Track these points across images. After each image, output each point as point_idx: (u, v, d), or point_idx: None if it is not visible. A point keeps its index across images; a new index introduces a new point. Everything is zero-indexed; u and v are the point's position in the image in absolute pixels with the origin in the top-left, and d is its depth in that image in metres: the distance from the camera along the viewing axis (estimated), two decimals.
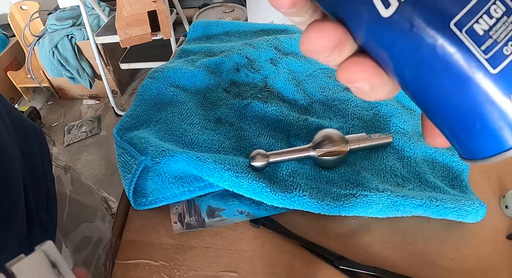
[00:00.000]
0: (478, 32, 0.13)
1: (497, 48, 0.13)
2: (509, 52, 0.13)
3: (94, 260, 0.52)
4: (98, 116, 1.95)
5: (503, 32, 0.12)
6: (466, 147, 0.15)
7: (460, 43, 0.13)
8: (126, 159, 0.40)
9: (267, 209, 0.40)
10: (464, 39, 0.13)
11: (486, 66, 0.13)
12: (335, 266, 0.35)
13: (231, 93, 0.53)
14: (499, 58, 0.13)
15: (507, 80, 0.13)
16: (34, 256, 0.19)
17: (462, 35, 0.13)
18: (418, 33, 0.13)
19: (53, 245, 0.19)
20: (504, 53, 0.13)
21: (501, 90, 0.13)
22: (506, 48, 0.13)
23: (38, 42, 1.77)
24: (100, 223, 0.56)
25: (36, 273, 0.18)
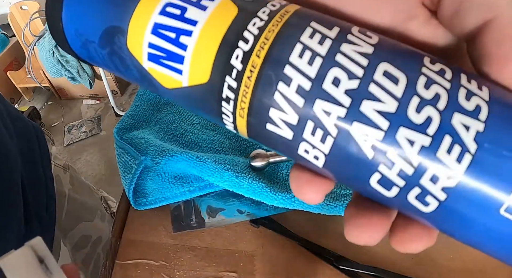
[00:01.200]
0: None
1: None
2: None
3: (93, 259, 0.52)
4: (98, 116, 1.95)
5: None
6: None
7: (507, 227, 0.12)
8: (126, 159, 0.40)
9: (267, 209, 0.40)
10: (506, 223, 0.12)
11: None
12: (335, 266, 0.35)
13: None
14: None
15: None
16: (21, 251, 0.19)
17: (507, 218, 0.12)
18: (469, 223, 0.12)
19: (41, 241, 0.19)
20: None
21: None
22: None
23: (38, 42, 1.77)
24: (99, 222, 0.56)
25: (23, 268, 0.18)
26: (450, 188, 0.12)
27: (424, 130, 0.11)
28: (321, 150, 0.12)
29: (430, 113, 0.11)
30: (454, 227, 0.13)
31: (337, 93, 0.11)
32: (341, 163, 0.13)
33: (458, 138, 0.11)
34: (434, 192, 0.12)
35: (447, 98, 0.11)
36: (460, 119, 0.11)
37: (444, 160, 0.11)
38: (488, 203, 0.12)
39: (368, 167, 0.12)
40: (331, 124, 0.12)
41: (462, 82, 0.12)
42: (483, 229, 0.12)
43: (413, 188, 0.12)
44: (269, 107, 0.12)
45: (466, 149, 0.11)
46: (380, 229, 0.14)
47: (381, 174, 0.12)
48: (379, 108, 0.11)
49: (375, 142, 0.12)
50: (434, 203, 0.12)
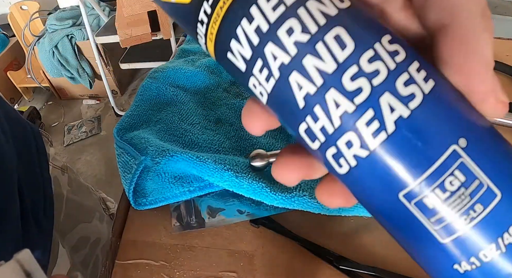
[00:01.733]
0: (428, 205, 0.12)
1: (447, 222, 0.12)
2: (461, 226, 0.12)
3: (92, 261, 0.52)
4: (98, 116, 1.95)
5: (457, 205, 0.12)
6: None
7: (410, 213, 0.13)
8: (126, 159, 0.40)
9: (267, 209, 0.40)
10: (413, 210, 0.13)
11: (435, 236, 0.13)
12: (335, 266, 0.35)
13: (231, 93, 0.53)
14: (449, 231, 0.12)
15: (454, 251, 0.12)
16: (7, 266, 0.18)
17: (411, 206, 0.13)
18: (372, 196, 0.13)
19: (29, 254, 0.19)
20: (453, 228, 0.12)
21: (449, 258, 0.13)
22: (458, 221, 0.12)
23: (38, 42, 1.77)
24: (98, 223, 0.56)
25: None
26: (361, 157, 0.13)
27: (352, 98, 0.12)
28: (265, 88, 0.13)
29: (363, 85, 0.12)
30: (359, 195, 0.14)
31: (287, 42, 0.12)
32: (279, 104, 0.14)
33: (380, 115, 0.12)
34: (347, 156, 0.13)
35: (385, 77, 0.12)
36: (389, 100, 0.12)
37: (361, 130, 0.12)
38: (391, 184, 0.12)
39: (299, 115, 0.13)
40: (275, 68, 0.13)
41: (410, 69, 0.12)
42: (382, 207, 0.13)
43: (331, 146, 0.13)
44: (231, 38, 0.13)
45: (384, 127, 0.12)
46: (296, 172, 0.15)
47: (307, 124, 0.13)
48: (319, 66, 0.12)
49: (307, 94, 0.13)
50: (346, 166, 0.13)
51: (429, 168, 0.12)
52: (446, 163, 0.12)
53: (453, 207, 0.12)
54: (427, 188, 0.12)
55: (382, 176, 0.13)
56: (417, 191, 0.12)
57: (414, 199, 0.12)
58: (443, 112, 0.12)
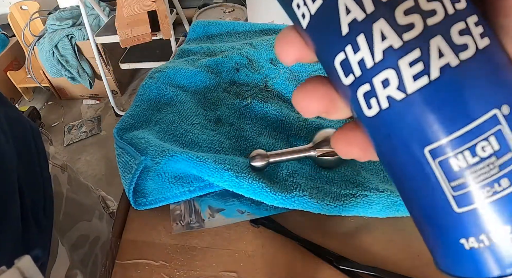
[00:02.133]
0: (453, 167, 0.11)
1: (468, 190, 0.11)
2: (481, 198, 0.11)
3: (91, 259, 0.52)
4: (98, 116, 1.95)
5: (483, 174, 0.11)
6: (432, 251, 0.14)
7: (431, 171, 0.12)
8: (126, 159, 0.40)
9: (267, 209, 0.40)
10: (435, 169, 0.12)
11: (450, 202, 0.12)
12: (335, 266, 0.35)
13: (231, 93, 0.53)
14: (467, 200, 0.12)
15: (466, 224, 0.12)
16: (8, 274, 0.18)
17: (435, 164, 0.12)
18: (395, 145, 0.12)
19: (30, 260, 0.19)
20: (473, 198, 0.11)
21: (459, 230, 0.12)
22: (480, 192, 0.11)
23: (38, 42, 1.77)
24: (98, 222, 0.56)
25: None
26: (395, 99, 0.12)
27: (401, 33, 0.11)
28: (309, 8, 0.12)
29: (416, 21, 0.11)
30: (380, 143, 0.13)
31: None
32: (320, 29, 0.13)
33: (427, 58, 0.11)
34: (380, 96, 0.12)
35: (441, 19, 0.11)
36: (439, 44, 0.11)
37: (403, 69, 0.11)
38: (420, 135, 0.12)
39: (338, 43, 0.12)
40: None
41: (468, 19, 0.11)
42: (402, 160, 0.13)
43: (365, 83, 0.12)
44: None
45: (427, 71, 0.11)
46: (317, 103, 0.14)
47: (346, 55, 0.12)
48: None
49: (354, 20, 0.12)
50: (376, 108, 0.12)
51: (464, 127, 0.11)
52: (483, 125, 0.11)
53: (478, 175, 0.11)
54: (456, 148, 0.11)
55: (412, 125, 0.12)
56: (445, 148, 0.11)
57: (440, 157, 0.11)
58: (492, 73, 0.11)
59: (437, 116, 0.11)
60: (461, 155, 0.11)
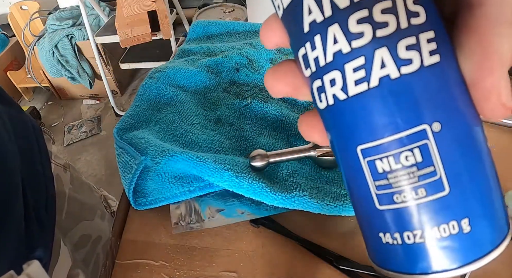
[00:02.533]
0: (378, 169, 0.12)
1: (388, 191, 0.12)
2: (398, 200, 0.12)
3: (93, 258, 0.52)
4: (98, 116, 1.95)
5: (403, 181, 0.12)
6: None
7: (361, 168, 0.13)
8: (126, 159, 0.40)
9: (267, 209, 0.40)
10: (364, 167, 0.13)
11: (373, 199, 0.13)
12: (335, 266, 0.35)
13: (231, 93, 0.53)
14: (387, 200, 0.13)
15: (384, 220, 0.13)
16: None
17: (364, 163, 0.13)
18: (337, 138, 0.14)
19: (39, 266, 0.19)
20: (394, 199, 0.12)
21: (378, 225, 0.13)
22: (398, 196, 0.12)
23: (38, 42, 1.77)
24: (99, 221, 0.56)
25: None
26: (338, 98, 0.13)
27: (351, 39, 0.12)
28: (283, 2, 0.14)
29: (366, 31, 0.12)
30: (329, 134, 0.14)
31: None
32: (290, 23, 0.14)
33: (369, 67, 0.12)
34: (328, 93, 0.13)
35: (390, 33, 0.12)
36: (383, 55, 0.12)
37: (347, 73, 0.12)
38: (354, 134, 0.13)
39: (301, 39, 0.13)
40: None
41: (421, 35, 0.12)
42: (341, 152, 0.14)
43: (318, 78, 0.13)
44: None
45: (368, 79, 0.12)
46: (285, 87, 0.16)
47: (305, 50, 0.13)
48: (336, 1, 0.12)
49: (313, 21, 0.13)
50: (324, 102, 0.13)
51: (392, 135, 0.12)
52: (411, 137, 0.12)
53: (399, 181, 0.12)
54: (382, 152, 0.12)
55: (350, 123, 0.13)
56: (373, 151, 0.12)
57: (368, 157, 0.13)
58: (432, 90, 0.12)
59: (370, 121, 0.12)
60: (386, 159, 0.12)
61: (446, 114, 0.12)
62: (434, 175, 0.12)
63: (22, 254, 0.35)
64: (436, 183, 0.12)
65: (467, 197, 0.12)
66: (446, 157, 0.12)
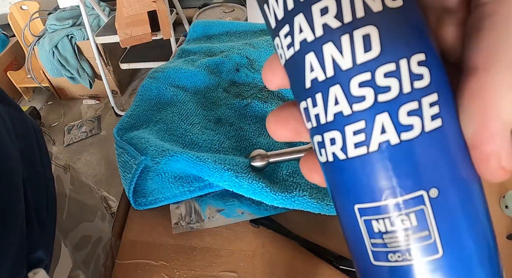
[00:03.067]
0: (374, 228, 0.13)
1: (383, 250, 0.13)
2: (393, 259, 0.12)
3: (94, 259, 0.52)
4: (98, 116, 1.95)
5: (398, 242, 0.12)
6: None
7: (357, 224, 0.13)
8: (126, 159, 0.40)
9: (267, 209, 0.40)
10: (361, 224, 0.13)
11: (369, 254, 0.13)
12: (335, 266, 0.35)
13: (231, 93, 0.53)
14: (382, 257, 0.13)
15: (380, 275, 0.13)
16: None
17: (361, 220, 0.13)
18: (336, 192, 0.14)
19: (45, 276, 0.19)
20: (388, 258, 0.13)
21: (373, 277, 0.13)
22: (392, 255, 0.12)
23: (38, 42, 1.77)
24: (100, 222, 0.56)
25: None
26: (338, 157, 0.13)
27: (352, 102, 0.12)
28: (285, 53, 0.14)
29: (368, 95, 0.12)
30: (328, 185, 0.14)
31: (317, 21, 0.12)
32: (291, 74, 0.14)
33: (369, 131, 0.12)
34: (327, 150, 0.13)
35: (393, 98, 0.11)
36: (384, 121, 0.12)
37: (347, 136, 0.12)
38: (353, 193, 0.13)
39: (303, 93, 0.13)
40: (297, 40, 0.13)
41: (423, 100, 0.11)
42: (339, 206, 0.14)
43: (318, 134, 0.13)
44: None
45: (367, 143, 0.12)
46: (288, 132, 0.16)
47: (307, 104, 0.13)
48: (336, 58, 0.12)
49: (315, 79, 0.13)
50: (324, 157, 0.13)
51: (390, 199, 0.12)
52: (408, 202, 0.12)
53: (393, 242, 0.12)
54: (379, 214, 0.12)
55: (349, 182, 0.13)
56: (370, 211, 0.13)
57: (365, 216, 0.13)
58: (431, 157, 0.12)
59: (369, 183, 0.12)
60: (382, 221, 0.12)
61: (444, 180, 0.12)
62: (429, 239, 0.12)
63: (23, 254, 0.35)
64: (430, 246, 0.12)
65: (461, 259, 0.12)
66: (441, 222, 0.12)
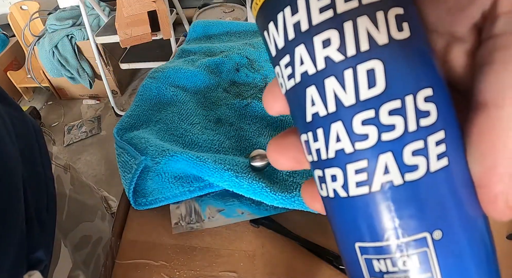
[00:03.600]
0: (375, 267, 0.12)
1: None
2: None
3: (94, 259, 0.52)
4: (98, 116, 1.95)
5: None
6: None
7: (358, 261, 0.13)
8: (126, 159, 0.40)
9: (267, 209, 0.40)
10: (361, 262, 0.13)
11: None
12: (335, 266, 0.35)
13: (231, 93, 0.53)
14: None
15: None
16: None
17: (361, 258, 0.13)
18: (336, 227, 0.14)
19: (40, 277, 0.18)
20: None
21: None
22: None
23: (38, 42, 1.77)
24: (100, 222, 0.56)
25: None
26: (339, 194, 0.12)
27: (354, 140, 0.11)
28: (285, 83, 0.13)
29: (371, 134, 0.11)
30: (328, 218, 0.14)
31: (319, 53, 0.11)
32: (292, 105, 0.14)
33: (372, 171, 0.11)
34: (328, 186, 0.13)
35: (397, 137, 0.11)
36: (388, 160, 0.11)
37: (349, 174, 0.12)
38: (354, 231, 0.13)
39: (303, 125, 0.13)
40: (298, 72, 0.12)
41: (429, 138, 0.11)
42: (339, 241, 0.14)
43: (319, 169, 0.13)
44: (271, 20, 0.13)
45: (369, 183, 0.12)
46: (289, 162, 0.16)
47: (307, 138, 0.13)
48: (338, 93, 0.11)
49: (316, 113, 0.12)
50: (325, 192, 0.13)
51: (392, 240, 0.12)
52: (410, 244, 0.11)
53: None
54: (380, 254, 0.12)
55: (349, 220, 0.12)
56: (371, 250, 0.12)
57: (366, 255, 0.12)
58: (436, 198, 0.11)
59: (371, 223, 0.12)
60: (383, 261, 0.12)
61: (448, 221, 0.11)
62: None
63: (23, 255, 0.35)
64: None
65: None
66: (445, 264, 0.11)
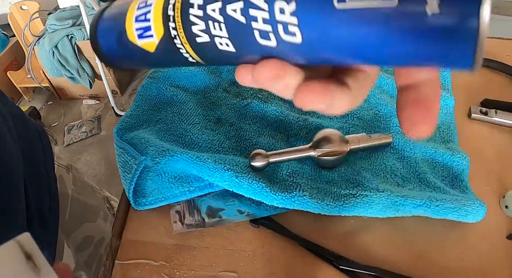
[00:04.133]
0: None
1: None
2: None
3: (96, 260, 0.52)
4: (98, 116, 1.95)
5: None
6: None
7: None
8: (126, 159, 0.40)
9: (267, 209, 0.40)
10: None
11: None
12: (335, 266, 0.35)
13: (231, 93, 0.53)
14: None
15: (344, 20, 0.14)
16: (5, 246, 0.18)
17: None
18: None
19: (29, 237, 0.19)
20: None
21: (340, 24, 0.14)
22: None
23: (38, 42, 1.77)
24: (102, 223, 0.56)
25: (6, 264, 0.17)
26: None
27: None
28: (223, 35, 0.17)
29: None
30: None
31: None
32: (237, 36, 0.16)
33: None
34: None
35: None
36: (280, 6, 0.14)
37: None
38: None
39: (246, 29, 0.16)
40: (218, 14, 0.16)
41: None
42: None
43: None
44: (191, 25, 0.17)
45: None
46: (270, 68, 0.17)
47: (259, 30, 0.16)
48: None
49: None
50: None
51: None
52: None
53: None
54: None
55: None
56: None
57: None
58: None
59: None
60: None
61: None
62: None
63: None
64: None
65: None
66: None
